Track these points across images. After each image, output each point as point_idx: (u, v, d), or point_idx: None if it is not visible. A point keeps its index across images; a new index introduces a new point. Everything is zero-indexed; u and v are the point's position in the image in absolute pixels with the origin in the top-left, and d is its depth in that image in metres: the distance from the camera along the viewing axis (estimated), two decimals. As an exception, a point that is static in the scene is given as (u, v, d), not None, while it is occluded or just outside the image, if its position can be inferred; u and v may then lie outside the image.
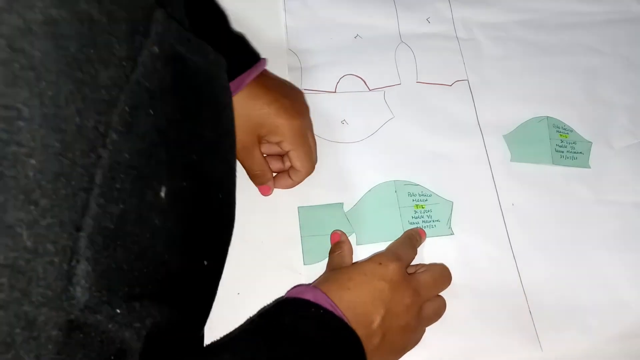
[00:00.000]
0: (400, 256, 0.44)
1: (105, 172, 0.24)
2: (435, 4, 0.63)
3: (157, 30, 0.27)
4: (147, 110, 0.26)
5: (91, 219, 0.23)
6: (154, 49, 0.27)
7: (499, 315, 0.48)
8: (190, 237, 0.31)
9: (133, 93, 0.25)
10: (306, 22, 0.61)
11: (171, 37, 0.28)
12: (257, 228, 0.50)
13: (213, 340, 0.45)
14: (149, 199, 0.27)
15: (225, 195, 0.37)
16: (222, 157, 0.36)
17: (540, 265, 0.50)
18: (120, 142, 0.25)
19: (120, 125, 0.25)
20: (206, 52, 0.32)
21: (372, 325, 0.40)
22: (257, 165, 0.50)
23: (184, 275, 0.31)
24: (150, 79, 0.26)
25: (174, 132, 0.29)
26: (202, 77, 0.32)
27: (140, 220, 0.26)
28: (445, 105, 0.57)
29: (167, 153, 0.28)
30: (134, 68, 0.25)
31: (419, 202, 0.52)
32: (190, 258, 0.32)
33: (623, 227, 0.52)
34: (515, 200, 0.53)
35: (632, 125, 0.58)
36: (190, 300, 0.33)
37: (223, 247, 0.38)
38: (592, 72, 0.61)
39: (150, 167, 0.27)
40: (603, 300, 0.49)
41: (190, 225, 0.31)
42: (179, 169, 0.29)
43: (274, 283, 0.48)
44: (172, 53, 0.28)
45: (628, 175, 0.55)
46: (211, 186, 0.34)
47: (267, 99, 0.48)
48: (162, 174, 0.28)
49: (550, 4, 0.64)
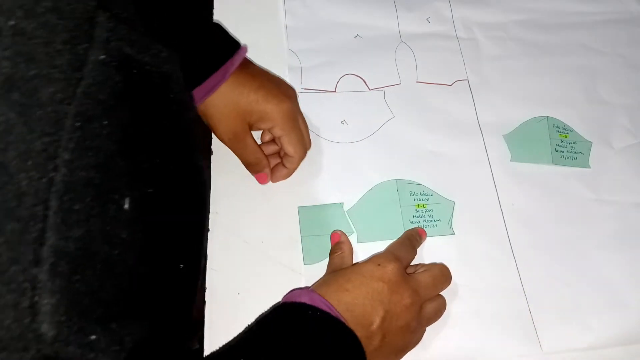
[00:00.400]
0: (399, 257, 0.44)
1: (60, 195, 0.23)
2: (435, 4, 0.63)
3: (101, 35, 0.25)
4: (100, 121, 0.25)
5: (51, 248, 0.22)
6: (101, 55, 0.25)
7: (499, 315, 0.48)
8: (162, 243, 0.30)
9: (82, 106, 0.24)
10: (306, 22, 0.61)
11: (118, 39, 0.26)
12: (257, 228, 0.50)
13: (213, 340, 0.45)
14: (112, 214, 0.25)
15: (194, 194, 0.36)
16: (187, 156, 0.35)
17: (540, 265, 0.50)
18: (73, 160, 0.23)
19: (72, 143, 0.23)
20: (158, 51, 0.31)
21: (371, 327, 0.40)
22: (250, 154, 0.49)
23: (161, 283, 0.30)
24: (101, 88, 0.25)
25: (132, 139, 0.27)
26: (156, 77, 0.30)
27: (106, 238, 0.25)
28: (445, 105, 0.58)
29: (128, 161, 0.27)
30: (80, 80, 0.24)
31: (421, 202, 0.52)
32: (165, 264, 0.31)
33: (623, 227, 0.52)
34: (515, 200, 0.53)
35: (631, 125, 0.58)
36: (171, 307, 0.32)
37: (198, 246, 0.38)
38: (592, 72, 0.61)
39: (110, 180, 0.25)
40: (603, 300, 0.49)
41: (161, 231, 0.30)
42: (142, 175, 0.28)
43: (274, 283, 0.48)
44: (122, 56, 0.27)
45: (628, 175, 0.55)
46: (179, 187, 0.33)
47: (254, 86, 0.47)
48: (124, 185, 0.26)
49: (550, 4, 0.64)
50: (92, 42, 0.25)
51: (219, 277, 0.48)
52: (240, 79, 0.47)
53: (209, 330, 0.46)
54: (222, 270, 0.48)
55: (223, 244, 0.49)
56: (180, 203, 0.33)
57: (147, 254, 0.28)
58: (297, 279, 0.48)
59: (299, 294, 0.41)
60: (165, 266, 0.31)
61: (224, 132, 0.49)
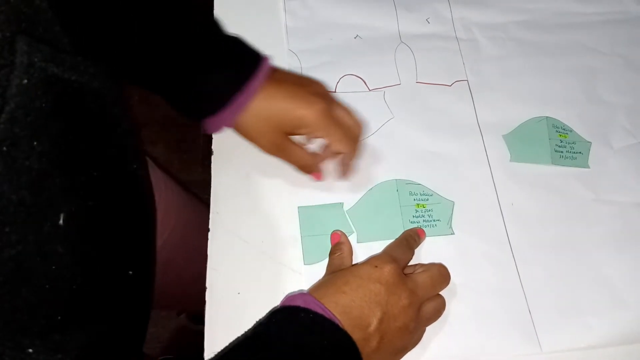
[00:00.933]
0: (397, 258, 0.44)
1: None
2: (434, 5, 0.63)
3: (22, 60, 0.25)
4: (29, 143, 0.25)
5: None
6: (24, 80, 0.25)
7: (499, 315, 0.48)
8: (105, 253, 0.30)
9: (8, 131, 0.24)
10: (306, 22, 0.61)
11: (43, 61, 0.27)
12: (257, 228, 0.50)
13: (213, 340, 0.45)
14: (47, 230, 0.26)
15: (136, 202, 0.36)
16: (125, 167, 0.35)
17: (540, 265, 0.50)
18: (3, 184, 0.24)
19: (1, 167, 0.24)
20: (85, 67, 0.31)
21: (368, 329, 0.40)
22: (297, 159, 0.49)
23: (108, 290, 0.30)
24: (27, 111, 0.25)
25: (65, 155, 0.27)
26: (86, 93, 0.30)
27: (41, 254, 0.25)
28: (444, 106, 0.58)
29: (62, 178, 0.27)
30: (3, 106, 0.24)
31: (420, 202, 0.52)
32: (110, 273, 0.31)
33: (623, 227, 0.53)
34: (515, 200, 0.53)
35: (631, 126, 0.58)
36: (121, 312, 0.32)
37: (146, 252, 0.38)
38: (591, 72, 0.61)
39: (43, 198, 0.26)
40: (603, 300, 0.49)
41: (103, 241, 0.30)
42: (78, 190, 0.28)
43: (274, 283, 0.48)
44: (47, 77, 0.27)
45: (627, 175, 0.55)
46: (119, 198, 0.33)
47: (282, 95, 0.46)
48: (58, 201, 0.27)
49: (550, 4, 0.64)
50: (14, 68, 0.25)
51: (219, 277, 0.48)
52: (268, 90, 0.46)
53: (209, 330, 0.46)
54: (222, 270, 0.48)
55: (223, 244, 0.49)
56: (121, 213, 0.33)
57: (88, 265, 0.28)
58: (297, 279, 0.48)
59: (294, 297, 0.41)
60: (111, 274, 0.31)
61: (264, 147, 0.49)
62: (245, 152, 0.54)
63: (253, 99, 0.46)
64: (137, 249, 0.36)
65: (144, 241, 0.37)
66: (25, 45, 0.26)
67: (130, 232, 0.35)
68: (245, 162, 0.53)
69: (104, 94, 0.32)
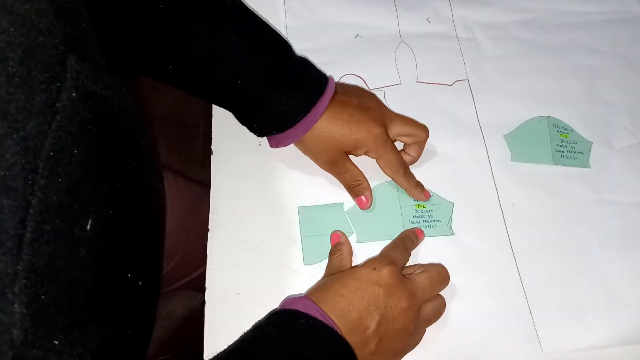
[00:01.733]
0: (394, 260, 0.45)
1: (35, 217, 0.26)
2: (435, 4, 0.63)
3: (72, 76, 0.29)
4: (71, 150, 0.28)
5: (25, 264, 0.25)
6: (72, 94, 0.28)
7: (499, 315, 0.48)
8: (119, 261, 0.33)
9: (56, 138, 0.27)
10: (306, 22, 0.61)
11: (86, 78, 0.30)
12: (257, 228, 0.50)
13: (213, 340, 0.45)
14: (76, 234, 0.28)
15: (151, 217, 0.39)
16: (145, 181, 0.38)
17: (540, 265, 0.50)
18: (47, 186, 0.26)
19: (47, 170, 0.26)
20: (119, 86, 0.34)
21: (367, 331, 0.40)
22: (350, 177, 0.51)
23: (119, 297, 0.33)
24: (71, 122, 0.28)
25: (97, 165, 0.30)
26: (118, 110, 0.34)
27: (69, 255, 0.28)
28: (445, 105, 0.57)
29: (93, 185, 0.30)
30: (54, 115, 0.27)
31: (420, 202, 0.52)
32: (122, 280, 0.33)
33: (623, 227, 0.52)
34: (516, 200, 0.53)
35: (632, 125, 0.58)
36: (129, 319, 0.35)
37: (155, 266, 0.40)
38: (592, 72, 0.61)
39: (77, 202, 0.28)
40: (603, 300, 0.49)
41: (118, 249, 0.33)
42: (104, 198, 0.31)
43: (274, 283, 0.48)
44: (89, 93, 0.30)
45: (628, 175, 0.55)
46: (136, 209, 0.36)
47: (345, 118, 0.48)
48: (88, 207, 0.29)
49: (550, 4, 0.64)
50: (64, 82, 0.28)
51: (219, 277, 0.48)
52: (332, 113, 0.48)
53: (209, 330, 0.46)
54: (222, 270, 0.48)
55: (223, 244, 0.49)
56: (137, 223, 0.36)
57: (103, 270, 0.31)
58: (297, 279, 0.48)
59: (293, 301, 0.41)
60: (123, 281, 0.33)
61: (323, 164, 0.51)
62: (245, 152, 0.54)
63: (320, 118, 0.48)
64: (147, 261, 0.38)
65: (154, 255, 0.39)
66: (74, 63, 0.29)
67: (143, 243, 0.37)
68: (245, 162, 0.53)
69: (132, 111, 0.36)
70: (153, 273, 0.39)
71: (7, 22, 0.26)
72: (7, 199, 0.25)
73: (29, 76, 0.26)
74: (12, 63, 0.25)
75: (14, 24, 0.26)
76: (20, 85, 0.26)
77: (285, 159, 0.53)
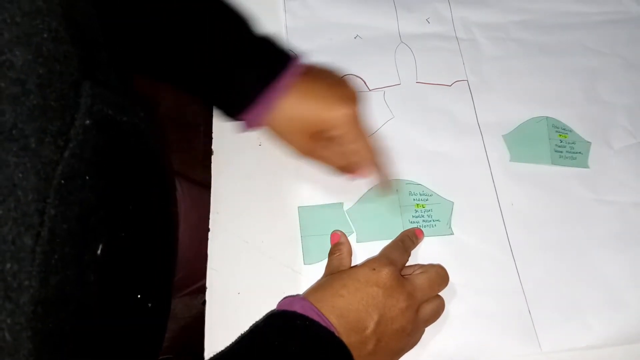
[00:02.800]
0: (394, 260, 0.45)
1: (44, 248, 0.25)
2: (434, 4, 0.63)
3: (86, 102, 0.28)
4: (83, 178, 0.27)
5: (32, 297, 0.24)
6: (86, 121, 0.28)
7: (499, 315, 0.48)
8: (129, 283, 0.32)
9: (68, 166, 0.26)
10: (306, 22, 0.61)
11: (100, 103, 0.29)
12: (257, 228, 0.50)
13: (213, 340, 0.45)
14: (86, 259, 0.27)
15: (163, 236, 0.38)
16: (158, 204, 0.37)
17: (540, 265, 0.50)
18: (57, 215, 0.25)
19: (57, 199, 0.25)
20: (135, 111, 0.33)
21: (365, 332, 0.40)
22: (332, 163, 0.50)
23: (128, 320, 0.32)
24: (84, 149, 0.27)
25: (110, 190, 0.30)
26: (132, 134, 0.33)
27: (78, 282, 0.27)
28: (444, 106, 0.58)
29: (105, 210, 0.29)
30: (67, 142, 0.26)
31: (420, 202, 0.52)
32: (131, 303, 0.33)
33: (622, 227, 0.53)
34: (515, 200, 0.53)
35: (631, 126, 0.58)
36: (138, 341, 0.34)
37: (166, 286, 0.39)
38: (591, 72, 0.61)
39: (88, 229, 0.27)
40: (603, 300, 0.49)
41: (128, 272, 0.32)
42: (116, 222, 0.30)
43: (274, 283, 0.48)
44: (103, 118, 0.29)
45: (627, 175, 0.55)
46: (148, 232, 0.35)
47: (312, 95, 0.47)
48: (100, 233, 0.28)
49: (550, 5, 0.64)
50: (78, 109, 0.27)
51: (219, 277, 0.48)
52: (299, 89, 0.47)
53: (209, 330, 0.46)
54: (222, 270, 0.48)
55: (223, 244, 0.49)
56: (149, 245, 0.35)
57: (112, 294, 0.30)
58: (297, 279, 0.48)
59: (292, 301, 0.41)
60: (132, 304, 0.33)
61: (297, 149, 0.49)
62: (245, 152, 0.54)
63: (284, 97, 0.46)
64: (158, 283, 0.37)
65: (165, 276, 0.39)
66: (89, 89, 0.28)
67: (154, 264, 0.37)
68: (245, 162, 0.53)
69: (148, 135, 0.35)
70: (163, 294, 0.39)
71: (26, 53, 0.25)
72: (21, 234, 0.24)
73: (45, 105, 0.25)
74: (32, 96, 0.25)
75: (32, 54, 0.25)
76: (38, 116, 0.25)
77: (285, 159, 0.53)
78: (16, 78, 0.24)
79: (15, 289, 0.23)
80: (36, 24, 0.26)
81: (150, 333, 0.37)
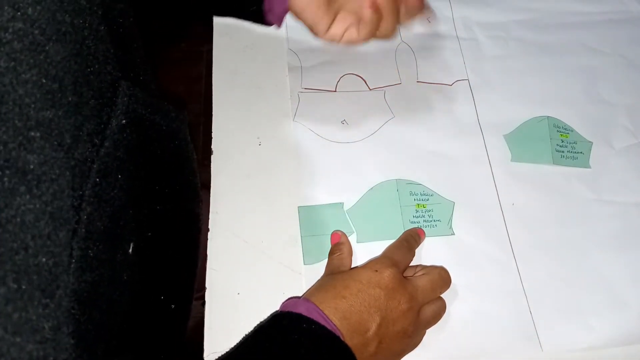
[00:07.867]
0: (397, 261, 0.45)
1: (80, 245, 0.25)
2: (435, 4, 0.63)
3: (122, 102, 0.28)
4: (116, 176, 0.27)
5: (71, 292, 0.24)
6: (121, 120, 0.28)
7: (499, 315, 0.48)
8: (156, 284, 0.32)
9: (103, 164, 0.26)
10: (306, 22, 0.61)
11: (136, 103, 0.29)
12: (257, 228, 0.50)
13: (213, 340, 0.45)
14: (119, 258, 0.28)
15: (189, 238, 0.38)
16: (184, 205, 0.38)
17: (541, 265, 0.50)
18: (93, 212, 0.25)
19: (93, 197, 0.25)
20: (167, 112, 0.34)
21: (367, 333, 0.40)
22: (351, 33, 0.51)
23: (152, 321, 0.32)
24: (118, 148, 0.27)
25: (140, 189, 0.30)
26: (164, 134, 0.33)
27: (111, 280, 0.27)
28: (445, 105, 0.57)
29: (134, 209, 0.29)
30: (103, 141, 0.26)
31: (421, 202, 0.52)
32: (156, 304, 0.33)
33: (623, 227, 0.52)
34: (516, 200, 0.53)
35: (632, 125, 0.58)
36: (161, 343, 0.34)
37: (189, 289, 0.39)
38: (592, 72, 0.60)
39: (120, 227, 0.28)
40: (603, 300, 0.49)
41: (155, 272, 0.32)
42: (145, 221, 0.30)
43: (274, 283, 0.48)
44: (137, 118, 0.29)
45: (628, 175, 0.55)
46: (175, 232, 0.35)
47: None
48: (130, 231, 0.29)
49: (550, 4, 0.64)
50: (115, 108, 0.28)
51: (219, 277, 0.48)
52: None
53: (209, 330, 0.46)
54: (222, 270, 0.48)
55: (223, 244, 0.49)
56: (174, 246, 0.35)
57: (140, 295, 0.30)
58: (297, 279, 0.48)
59: (296, 303, 0.41)
60: (157, 306, 0.33)
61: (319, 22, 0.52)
62: (245, 152, 0.54)
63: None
64: (181, 285, 0.38)
65: (188, 279, 0.39)
66: (126, 89, 0.29)
67: (178, 265, 0.37)
68: (245, 162, 0.53)
69: (179, 135, 0.35)
70: (186, 297, 0.39)
71: (65, 50, 0.25)
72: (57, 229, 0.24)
73: (81, 103, 0.25)
74: (69, 93, 0.25)
75: (72, 52, 0.25)
76: (74, 113, 0.25)
77: (285, 159, 0.53)
78: (54, 74, 0.24)
79: (50, 282, 0.23)
80: (77, 22, 0.26)
81: (170, 333, 0.37)
